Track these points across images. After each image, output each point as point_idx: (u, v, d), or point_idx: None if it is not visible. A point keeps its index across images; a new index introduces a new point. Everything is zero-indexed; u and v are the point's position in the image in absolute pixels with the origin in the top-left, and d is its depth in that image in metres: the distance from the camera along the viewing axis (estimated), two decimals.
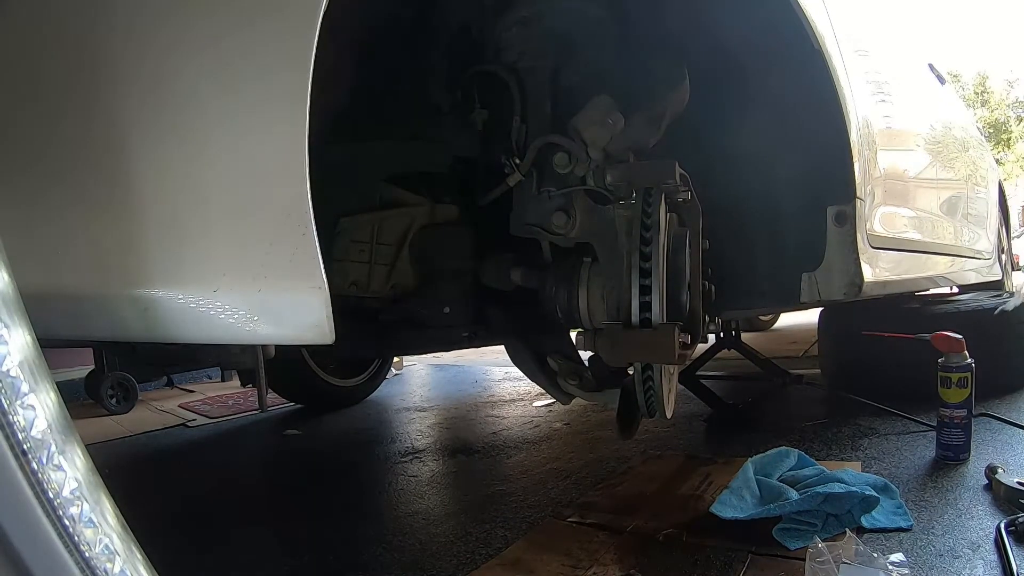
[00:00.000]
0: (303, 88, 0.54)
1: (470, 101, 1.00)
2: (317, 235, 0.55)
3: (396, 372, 3.38)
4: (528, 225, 0.94)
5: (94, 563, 0.39)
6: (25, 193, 0.59)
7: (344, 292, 1.02)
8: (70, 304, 0.59)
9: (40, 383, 0.39)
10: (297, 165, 0.54)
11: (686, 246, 0.90)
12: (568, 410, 2.13)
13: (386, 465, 1.70)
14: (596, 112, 0.88)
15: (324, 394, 2.46)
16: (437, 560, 1.06)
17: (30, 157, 0.59)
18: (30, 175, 0.59)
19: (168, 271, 0.56)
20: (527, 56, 0.95)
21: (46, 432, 0.38)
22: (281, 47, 0.56)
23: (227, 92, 0.56)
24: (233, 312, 0.55)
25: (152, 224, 0.56)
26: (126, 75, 0.57)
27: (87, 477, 0.40)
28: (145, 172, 0.57)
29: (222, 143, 0.57)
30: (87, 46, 0.57)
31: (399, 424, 2.23)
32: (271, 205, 0.56)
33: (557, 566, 0.98)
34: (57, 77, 0.58)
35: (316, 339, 0.56)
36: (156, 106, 0.57)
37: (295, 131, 0.55)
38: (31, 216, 0.58)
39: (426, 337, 1.10)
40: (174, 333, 0.57)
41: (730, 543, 1.01)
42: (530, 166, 0.91)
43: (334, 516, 1.32)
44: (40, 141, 0.58)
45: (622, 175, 0.87)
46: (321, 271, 0.55)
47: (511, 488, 1.41)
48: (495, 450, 1.77)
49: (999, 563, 0.88)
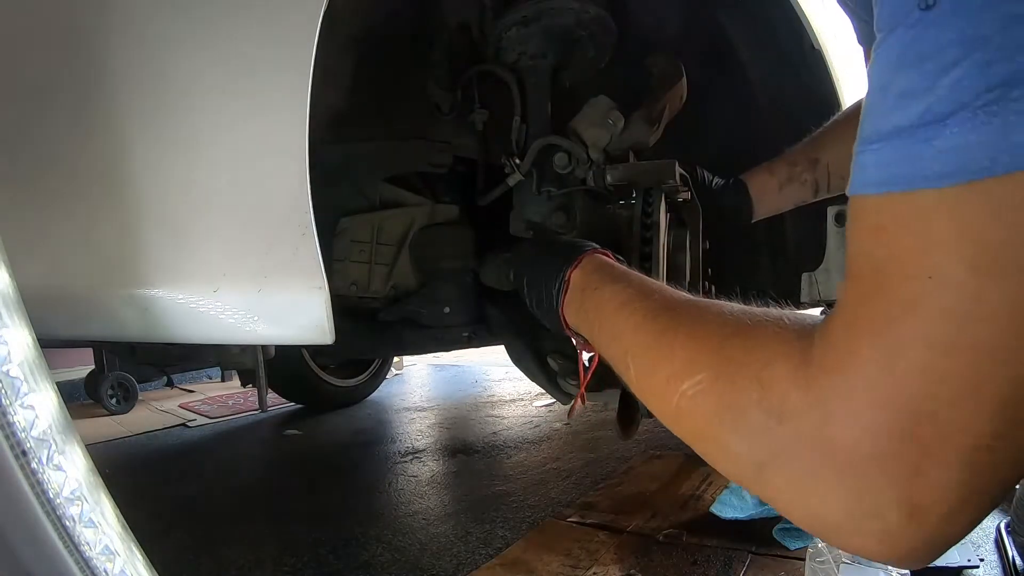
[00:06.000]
0: (303, 88, 0.54)
1: (470, 101, 1.00)
2: (317, 235, 0.55)
3: (396, 372, 3.38)
4: (528, 225, 0.94)
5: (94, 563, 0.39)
6: (25, 193, 0.59)
7: (344, 292, 1.02)
8: (70, 304, 0.59)
9: (40, 383, 0.39)
10: (297, 165, 0.54)
11: (686, 246, 0.90)
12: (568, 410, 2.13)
13: (386, 465, 1.70)
14: (596, 113, 0.88)
15: (324, 394, 2.45)
16: (437, 560, 1.06)
17: (30, 157, 0.59)
18: (30, 175, 0.59)
19: (168, 271, 0.56)
20: (527, 56, 0.95)
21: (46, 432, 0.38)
22: (281, 47, 0.56)
23: (227, 92, 0.56)
24: (233, 312, 0.55)
25: (152, 224, 0.56)
26: (126, 75, 0.57)
27: (87, 477, 0.40)
28: (145, 172, 0.57)
29: (222, 143, 0.57)
30: (87, 45, 0.57)
31: (399, 424, 2.23)
32: (271, 205, 0.56)
33: (557, 566, 0.98)
34: (57, 77, 0.58)
35: (316, 339, 0.56)
36: (156, 106, 0.57)
37: (295, 130, 0.55)
38: (31, 216, 0.58)
39: (426, 337, 1.10)
40: (174, 333, 0.57)
41: (730, 543, 1.01)
42: (530, 166, 0.91)
43: (334, 516, 1.32)
44: (40, 141, 0.58)
45: (622, 175, 0.87)
46: (321, 271, 0.55)
47: (511, 488, 1.41)
48: (495, 450, 1.77)
49: (999, 563, 0.88)
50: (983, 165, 0.24)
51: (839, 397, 0.30)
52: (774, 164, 0.97)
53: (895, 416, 0.28)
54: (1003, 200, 0.24)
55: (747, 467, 0.35)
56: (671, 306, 0.47)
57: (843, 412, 0.29)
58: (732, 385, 0.35)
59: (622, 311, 0.52)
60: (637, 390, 0.47)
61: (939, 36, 0.25)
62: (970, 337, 0.25)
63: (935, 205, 0.26)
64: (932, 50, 0.25)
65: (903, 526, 0.29)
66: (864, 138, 0.29)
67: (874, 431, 0.28)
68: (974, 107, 0.24)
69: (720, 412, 0.36)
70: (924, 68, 0.26)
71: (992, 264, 0.24)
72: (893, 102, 0.27)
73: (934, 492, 0.28)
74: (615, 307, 0.53)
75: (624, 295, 0.54)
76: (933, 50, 0.25)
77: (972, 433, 0.26)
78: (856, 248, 0.30)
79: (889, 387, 0.28)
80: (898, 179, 0.27)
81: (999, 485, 0.28)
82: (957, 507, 0.28)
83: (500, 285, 0.98)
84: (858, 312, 0.30)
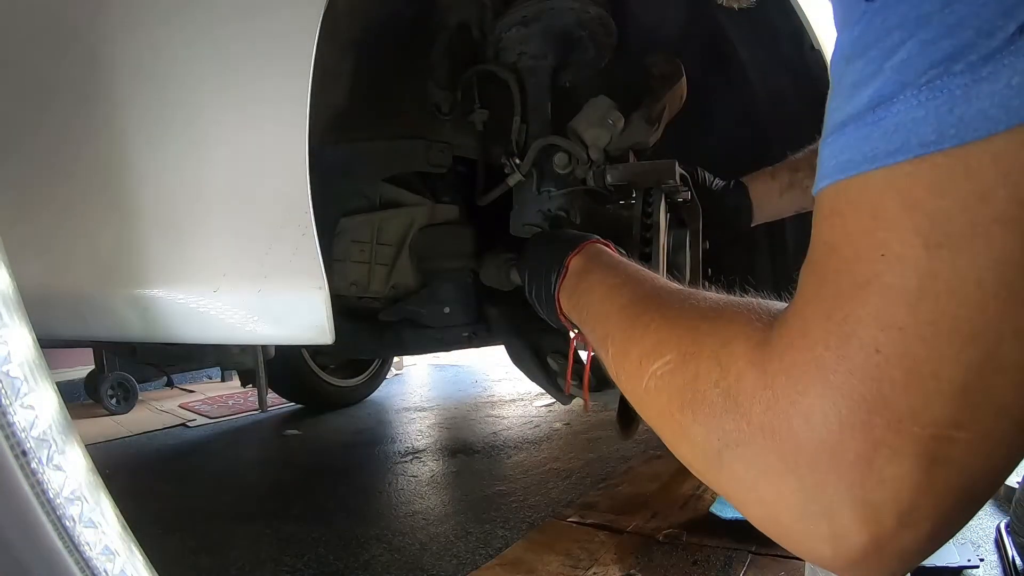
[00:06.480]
0: (303, 88, 0.54)
1: (470, 101, 1.00)
2: (317, 235, 0.55)
3: (396, 372, 3.38)
4: (528, 225, 0.94)
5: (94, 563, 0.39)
6: (25, 193, 0.59)
7: (344, 292, 1.02)
8: (70, 304, 0.59)
9: (40, 383, 0.39)
10: (297, 165, 0.55)
11: (686, 246, 0.90)
12: (568, 410, 2.13)
13: (386, 465, 1.70)
14: (596, 113, 0.88)
15: (324, 394, 2.45)
16: (437, 560, 1.07)
17: (31, 157, 0.59)
18: (30, 175, 0.59)
19: (168, 271, 0.56)
20: (527, 56, 0.95)
21: (46, 432, 0.38)
22: (281, 47, 0.56)
23: (227, 92, 0.56)
24: (233, 312, 0.56)
25: (152, 224, 0.57)
26: (126, 75, 0.57)
27: (87, 477, 0.40)
28: (145, 172, 0.57)
29: (222, 143, 0.57)
30: (87, 44, 0.57)
31: (399, 424, 2.23)
32: (271, 205, 0.56)
33: (557, 566, 0.98)
34: (57, 76, 0.58)
35: (316, 339, 0.56)
36: (156, 106, 0.57)
37: (295, 131, 0.55)
38: (31, 216, 0.58)
39: (426, 337, 1.10)
40: (174, 333, 0.57)
41: (730, 543, 1.01)
42: (530, 166, 0.91)
43: (334, 516, 1.32)
44: (40, 141, 0.58)
45: (622, 175, 0.87)
46: (321, 271, 0.55)
47: (511, 488, 1.41)
48: (495, 450, 1.77)
49: (999, 563, 0.88)
50: (930, 139, 0.24)
51: (788, 379, 0.28)
52: (776, 169, 0.97)
53: (844, 401, 0.26)
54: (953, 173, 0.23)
55: (704, 454, 0.33)
56: (656, 292, 0.47)
57: (791, 395, 0.28)
58: (695, 365, 0.34)
59: (610, 294, 0.52)
60: (614, 373, 0.46)
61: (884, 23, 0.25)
62: (925, 315, 0.24)
63: (884, 183, 0.25)
64: (877, 37, 0.25)
65: (854, 527, 0.27)
66: (824, 137, 0.29)
67: (822, 417, 0.26)
68: (918, 84, 0.24)
69: (682, 391, 0.35)
70: (870, 55, 0.26)
71: (945, 238, 0.23)
72: (844, 94, 0.27)
73: (887, 487, 0.25)
74: (604, 290, 0.54)
75: (614, 280, 0.54)
76: (878, 37, 0.25)
77: (928, 421, 0.24)
78: (815, 236, 0.29)
79: (838, 370, 0.26)
80: (849, 164, 0.26)
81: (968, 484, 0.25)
82: (914, 507, 0.26)
83: (500, 285, 0.98)
84: (812, 294, 0.29)
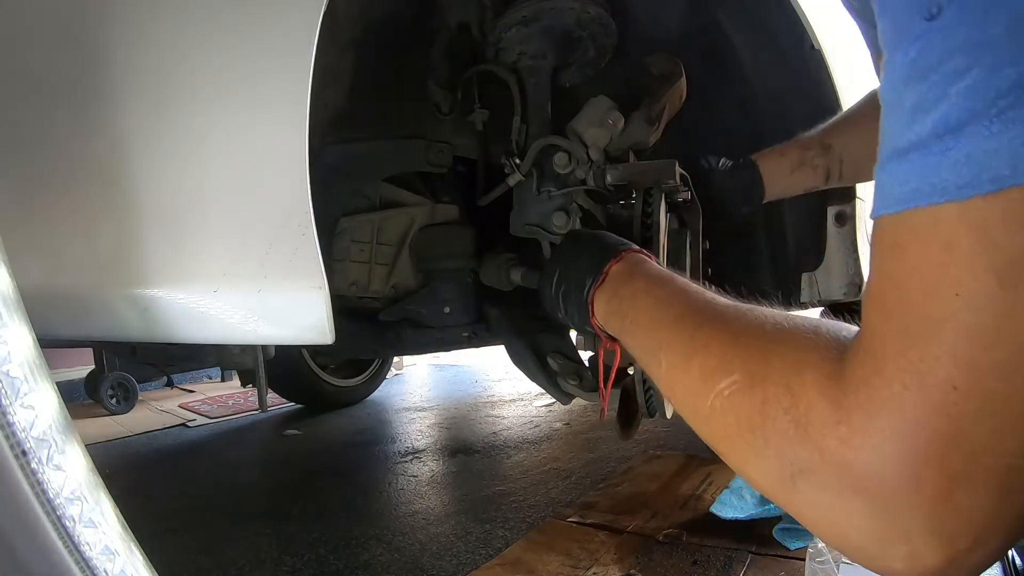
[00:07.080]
0: (303, 88, 0.54)
1: (470, 101, 1.00)
2: (317, 235, 0.55)
3: (396, 372, 3.38)
4: (528, 225, 0.93)
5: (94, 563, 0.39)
6: (25, 193, 0.59)
7: (344, 292, 1.02)
8: (70, 304, 0.59)
9: (40, 383, 0.39)
10: (297, 165, 0.54)
11: (686, 246, 0.90)
12: (568, 410, 2.13)
13: (386, 465, 1.70)
14: (596, 113, 0.88)
15: (324, 394, 2.46)
16: (437, 560, 1.07)
17: (30, 156, 0.59)
18: (30, 175, 0.59)
19: (168, 271, 0.56)
20: (527, 56, 0.95)
21: (46, 432, 0.38)
22: (281, 47, 0.56)
23: (227, 92, 0.56)
24: (233, 312, 0.55)
25: (152, 224, 0.56)
26: (126, 74, 0.57)
27: (87, 477, 0.40)
28: (145, 172, 0.57)
29: (222, 143, 0.57)
30: (87, 44, 0.57)
31: (399, 424, 2.23)
32: (271, 205, 0.56)
33: (557, 566, 0.98)
34: (56, 76, 0.58)
35: (316, 339, 0.56)
36: (156, 106, 0.57)
37: (295, 131, 0.55)
38: (31, 216, 0.58)
39: (426, 337, 1.10)
40: (174, 333, 0.57)
41: (730, 543, 1.01)
42: (530, 166, 0.91)
43: (334, 516, 1.32)
44: (40, 140, 0.58)
45: (622, 175, 0.87)
46: (321, 271, 0.55)
47: (511, 488, 1.41)
48: (495, 450, 1.77)
49: (999, 563, 0.88)
50: (1004, 174, 0.23)
51: (865, 416, 0.29)
52: (786, 147, 0.96)
53: (921, 438, 0.27)
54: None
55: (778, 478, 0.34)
56: (712, 305, 0.46)
57: (868, 431, 0.28)
58: (763, 389, 0.34)
59: (661, 304, 0.51)
60: (665, 384, 0.46)
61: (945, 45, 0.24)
62: (1002, 353, 0.24)
63: (956, 218, 0.25)
64: (939, 60, 0.25)
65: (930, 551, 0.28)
66: (882, 160, 0.28)
67: (899, 454, 0.27)
68: (988, 115, 0.23)
69: (751, 415, 0.35)
70: (933, 79, 0.25)
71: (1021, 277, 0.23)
72: (906, 118, 0.26)
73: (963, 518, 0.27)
74: (654, 300, 0.53)
75: (663, 291, 0.53)
76: (940, 60, 0.25)
77: (1002, 453, 0.25)
78: (875, 265, 0.29)
79: (914, 408, 0.27)
80: (916, 195, 0.26)
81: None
82: (988, 531, 0.27)
83: (500, 285, 0.98)
84: (880, 327, 0.29)
